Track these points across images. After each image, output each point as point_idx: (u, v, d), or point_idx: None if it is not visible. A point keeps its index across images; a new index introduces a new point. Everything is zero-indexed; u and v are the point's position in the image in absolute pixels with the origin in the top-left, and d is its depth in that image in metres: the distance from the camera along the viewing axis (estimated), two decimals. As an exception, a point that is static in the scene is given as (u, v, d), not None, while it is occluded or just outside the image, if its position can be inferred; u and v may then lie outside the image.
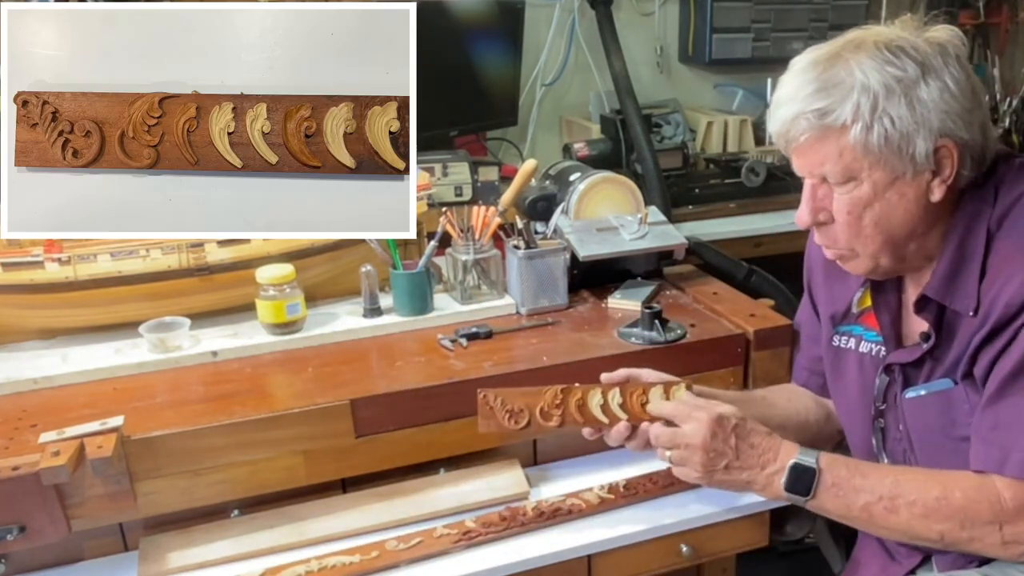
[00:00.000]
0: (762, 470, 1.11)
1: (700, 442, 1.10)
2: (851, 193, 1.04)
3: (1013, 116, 2.67)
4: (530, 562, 1.16)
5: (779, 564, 2.02)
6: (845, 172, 1.03)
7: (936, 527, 1.05)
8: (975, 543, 1.04)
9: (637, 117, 2.19)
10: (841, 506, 1.09)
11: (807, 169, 1.07)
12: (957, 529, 1.04)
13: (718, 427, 1.10)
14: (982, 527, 1.03)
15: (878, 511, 1.07)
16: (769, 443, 1.12)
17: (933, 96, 1.00)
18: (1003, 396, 1.03)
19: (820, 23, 2.63)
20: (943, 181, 1.03)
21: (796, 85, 1.04)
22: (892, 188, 1.03)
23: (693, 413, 1.12)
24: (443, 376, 1.30)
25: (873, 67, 1.00)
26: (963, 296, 1.06)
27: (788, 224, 2.20)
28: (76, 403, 1.24)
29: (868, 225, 1.05)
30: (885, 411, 1.20)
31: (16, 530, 1.06)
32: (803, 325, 1.41)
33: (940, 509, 1.04)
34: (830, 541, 1.52)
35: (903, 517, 1.06)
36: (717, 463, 1.11)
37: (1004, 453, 1.02)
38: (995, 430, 1.03)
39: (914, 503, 1.05)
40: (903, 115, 0.99)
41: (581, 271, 1.61)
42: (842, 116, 1.01)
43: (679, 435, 1.12)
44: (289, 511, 1.22)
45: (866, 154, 1.01)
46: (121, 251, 1.35)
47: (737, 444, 1.11)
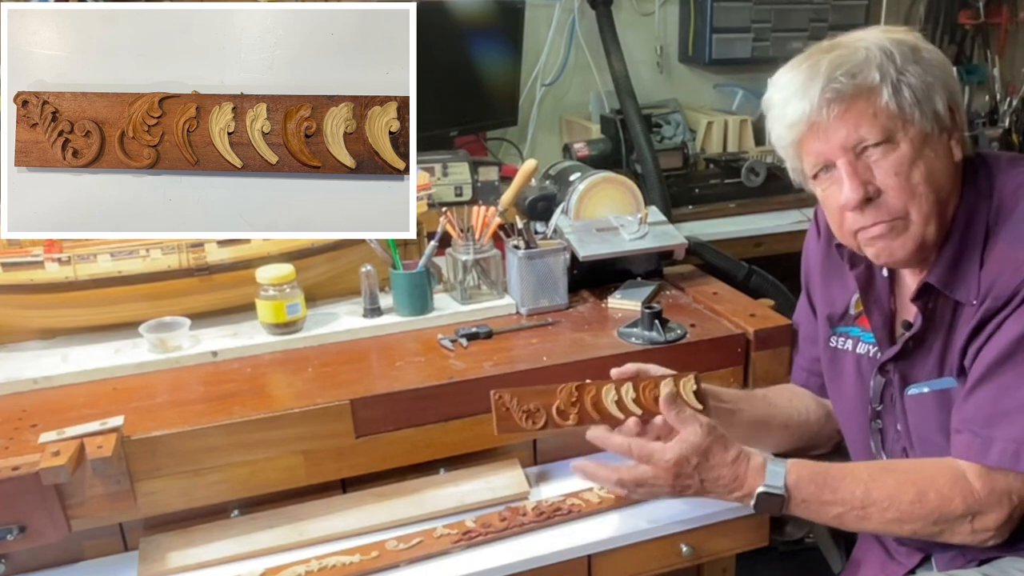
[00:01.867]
0: (730, 494, 1.11)
1: (665, 482, 1.09)
2: (889, 155, 1.03)
3: (1013, 116, 2.67)
4: (530, 562, 1.16)
5: (779, 564, 2.02)
6: (883, 131, 1.03)
7: (908, 527, 1.06)
8: (944, 535, 1.06)
9: (637, 117, 2.19)
10: (812, 516, 1.10)
11: (838, 144, 1.04)
12: (929, 526, 1.05)
13: (680, 469, 1.08)
14: (954, 521, 1.04)
15: (850, 519, 1.08)
16: (734, 472, 1.09)
17: (932, 58, 1.05)
18: (985, 383, 1.04)
19: (820, 23, 2.63)
20: (958, 141, 1.06)
21: (805, 74, 1.05)
22: (927, 145, 1.04)
23: (654, 454, 1.09)
24: (443, 376, 1.30)
25: (877, 36, 1.05)
26: (965, 287, 1.06)
27: (788, 224, 2.21)
28: (76, 403, 1.25)
29: (919, 183, 1.04)
30: (882, 412, 1.20)
31: (16, 530, 1.06)
32: (801, 326, 1.41)
33: (914, 512, 1.05)
34: (830, 541, 1.52)
35: (875, 523, 1.07)
36: (684, 493, 1.11)
37: (986, 443, 1.02)
38: (975, 418, 1.04)
39: (887, 509, 1.06)
40: (919, 73, 1.03)
41: (581, 271, 1.61)
42: (871, 76, 1.02)
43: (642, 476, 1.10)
44: (289, 511, 1.22)
45: (900, 112, 1.03)
46: (121, 251, 1.35)
47: (703, 480, 1.10)
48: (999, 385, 1.02)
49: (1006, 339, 1.01)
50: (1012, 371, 1.02)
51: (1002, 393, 1.02)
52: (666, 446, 1.09)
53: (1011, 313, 1.01)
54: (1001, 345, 1.02)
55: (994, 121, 2.68)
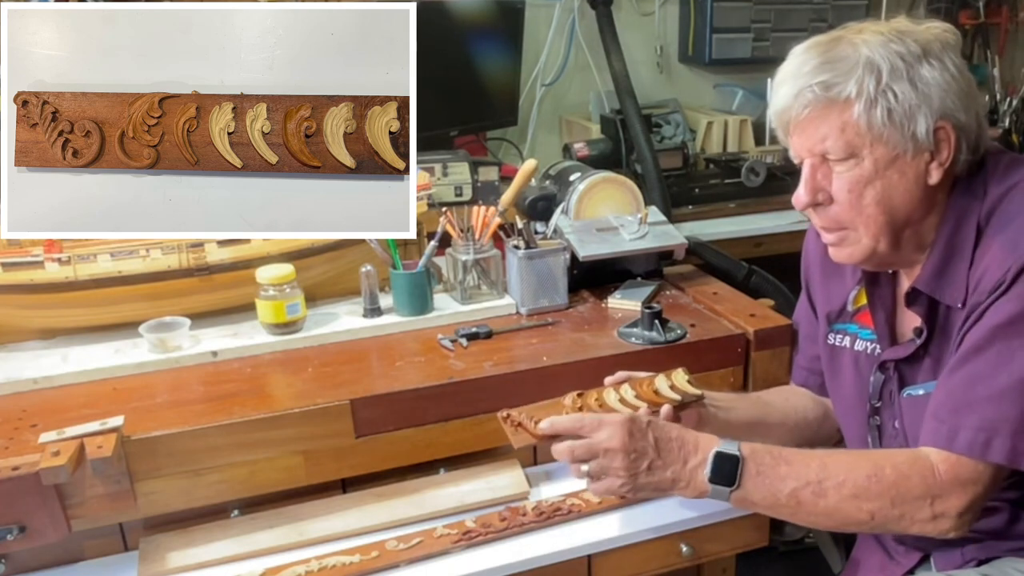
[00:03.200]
0: (684, 464, 1.07)
1: (619, 444, 1.06)
2: (852, 171, 1.04)
3: (1013, 116, 2.67)
4: (530, 562, 1.16)
5: (779, 564, 2.02)
6: (847, 148, 1.03)
7: (866, 507, 1.03)
8: (904, 520, 1.03)
9: (637, 117, 2.19)
10: (768, 495, 1.05)
11: (807, 147, 1.06)
12: (888, 507, 1.02)
13: (634, 426, 1.07)
14: (912, 502, 1.02)
15: (806, 496, 1.04)
16: (687, 435, 1.09)
17: (934, 75, 1.01)
18: (957, 371, 1.03)
19: (820, 23, 2.63)
20: (940, 164, 1.04)
21: (798, 63, 1.05)
22: (893, 166, 1.03)
23: (604, 419, 1.08)
24: (443, 376, 1.30)
25: (878, 43, 1.02)
26: (952, 290, 1.07)
27: (788, 224, 2.20)
28: (76, 403, 1.24)
29: (869, 204, 1.04)
30: (881, 409, 1.20)
31: (16, 530, 1.06)
32: (801, 324, 1.41)
33: (870, 488, 1.02)
34: (829, 541, 1.52)
35: (832, 500, 1.03)
36: (639, 464, 1.06)
37: (953, 430, 1.02)
38: (945, 405, 1.03)
39: (843, 483, 1.03)
40: (906, 91, 1.01)
41: (581, 271, 1.61)
42: (846, 90, 1.01)
43: (595, 443, 1.07)
44: (289, 511, 1.22)
45: (869, 130, 1.02)
46: (121, 251, 1.35)
47: (656, 440, 1.07)
48: (970, 372, 1.02)
49: (982, 328, 1.01)
50: (984, 359, 1.01)
51: (975, 380, 1.01)
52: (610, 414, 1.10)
53: (991, 304, 1.01)
54: (977, 334, 1.02)
55: (994, 121, 2.68)
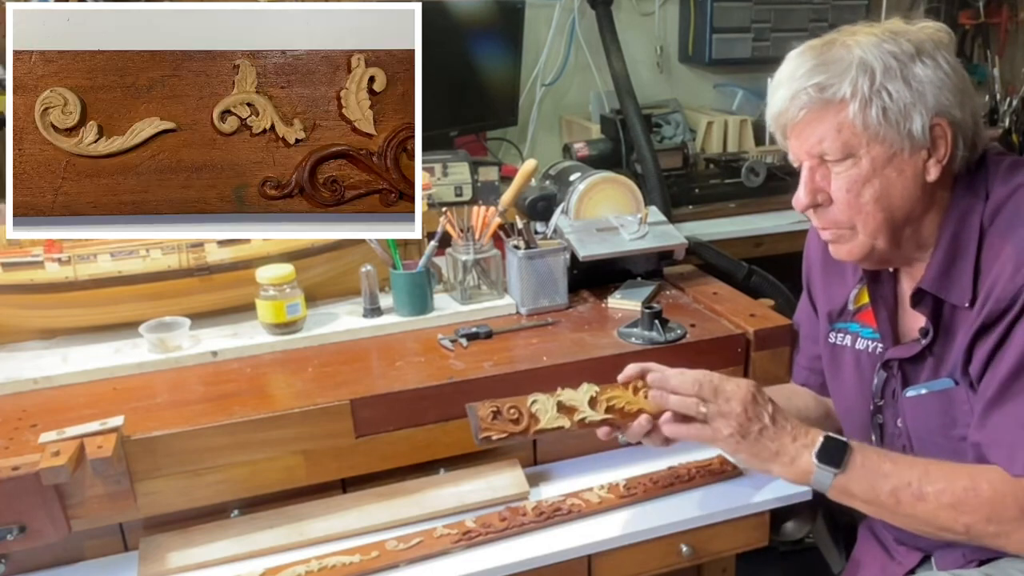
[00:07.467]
0: (794, 440, 1.08)
1: (741, 398, 1.08)
2: (850, 171, 1.05)
3: (1013, 116, 2.67)
4: (530, 562, 1.16)
5: (779, 564, 2.02)
6: (844, 148, 1.04)
7: (963, 519, 1.03)
8: (1001, 538, 1.03)
9: (637, 117, 2.19)
10: (868, 488, 1.06)
11: (805, 149, 1.07)
12: (984, 522, 1.02)
13: (759, 393, 1.09)
14: (1009, 523, 1.02)
15: (906, 497, 1.05)
16: (799, 423, 1.11)
17: (928, 73, 1.03)
18: (1004, 401, 1.03)
19: (820, 23, 2.63)
20: (938, 161, 1.05)
21: (793, 67, 1.06)
22: (890, 165, 1.04)
23: (733, 377, 1.11)
24: (443, 376, 1.30)
25: (871, 44, 1.03)
26: (958, 289, 1.07)
27: (788, 224, 2.20)
28: (76, 403, 1.24)
29: (868, 202, 1.05)
30: (883, 407, 1.20)
31: (16, 530, 1.06)
32: (802, 324, 1.42)
33: (968, 500, 1.02)
34: (830, 541, 1.52)
35: (931, 505, 1.04)
36: (752, 425, 1.08)
37: (1012, 453, 1.02)
38: (1010, 432, 1.02)
39: (942, 491, 1.03)
40: (900, 90, 1.02)
41: (581, 271, 1.61)
42: (841, 91, 1.02)
43: (722, 389, 1.09)
44: (289, 511, 1.22)
45: (864, 129, 1.03)
46: (121, 251, 1.35)
47: (774, 413, 1.09)
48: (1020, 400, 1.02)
49: (1019, 348, 1.01)
50: None
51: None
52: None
53: (1018, 319, 1.01)
54: (1016, 355, 1.01)
55: (994, 121, 2.68)
